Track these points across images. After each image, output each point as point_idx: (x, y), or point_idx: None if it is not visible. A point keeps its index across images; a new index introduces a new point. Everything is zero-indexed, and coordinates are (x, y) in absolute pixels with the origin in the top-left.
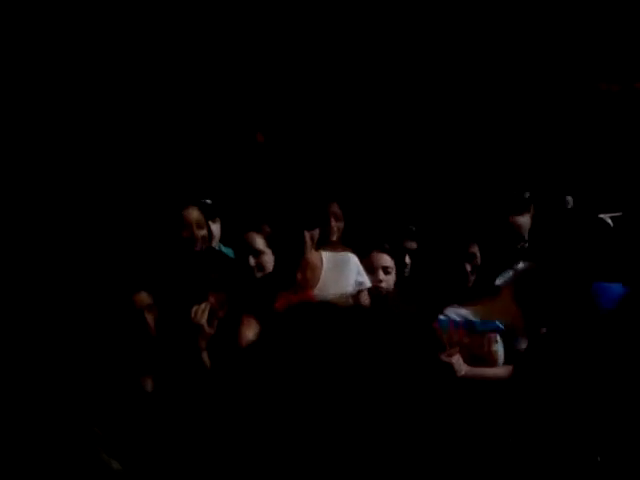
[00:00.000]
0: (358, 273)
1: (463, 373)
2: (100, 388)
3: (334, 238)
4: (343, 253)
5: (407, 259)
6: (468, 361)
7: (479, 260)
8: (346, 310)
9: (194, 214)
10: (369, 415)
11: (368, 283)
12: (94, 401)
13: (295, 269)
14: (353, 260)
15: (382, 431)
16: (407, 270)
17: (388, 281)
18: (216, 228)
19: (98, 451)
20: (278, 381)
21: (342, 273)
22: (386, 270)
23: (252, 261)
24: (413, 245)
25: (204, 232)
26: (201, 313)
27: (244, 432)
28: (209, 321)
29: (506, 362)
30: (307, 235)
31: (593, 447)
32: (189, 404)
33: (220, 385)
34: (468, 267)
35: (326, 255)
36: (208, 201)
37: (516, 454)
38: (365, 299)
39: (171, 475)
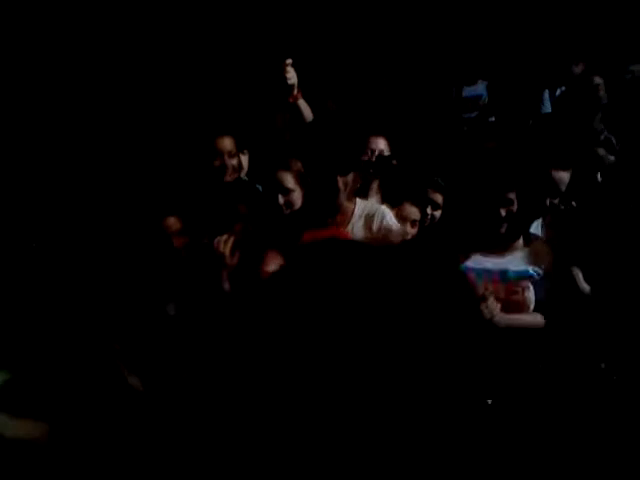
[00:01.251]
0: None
1: (496, 317)
2: (125, 309)
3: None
4: (377, 204)
5: (429, 210)
6: (502, 309)
7: (515, 207)
8: (372, 249)
9: (227, 143)
10: (388, 355)
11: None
12: (117, 320)
13: (325, 211)
14: (386, 212)
15: (402, 371)
16: (427, 220)
17: (413, 233)
18: (245, 160)
19: (118, 366)
20: (295, 312)
21: (372, 223)
22: (414, 223)
23: (281, 199)
24: (437, 197)
25: (235, 162)
26: (224, 243)
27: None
28: (232, 252)
29: (536, 309)
30: (340, 181)
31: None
32: (208, 330)
33: (238, 312)
34: (503, 212)
35: (360, 203)
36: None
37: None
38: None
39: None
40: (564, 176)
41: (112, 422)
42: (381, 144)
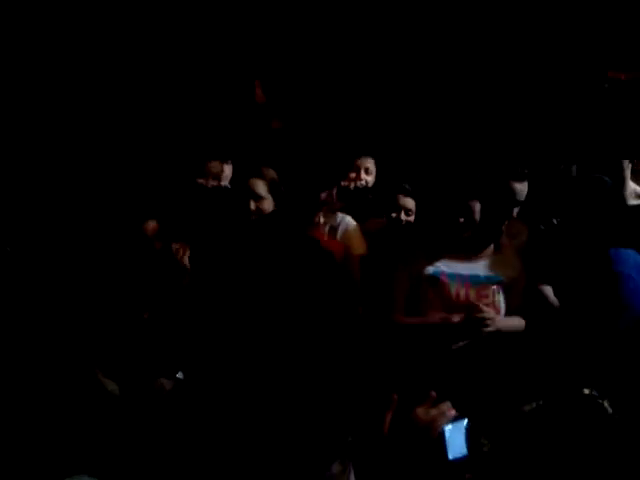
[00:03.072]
0: None
1: (496, 323)
2: (102, 311)
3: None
4: (341, 215)
5: (402, 215)
6: None
7: (477, 215)
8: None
9: (216, 167)
10: None
11: None
12: (94, 323)
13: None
14: (349, 222)
15: None
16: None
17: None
18: (228, 169)
19: (95, 372)
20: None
21: (335, 233)
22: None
23: (252, 205)
24: (408, 202)
25: (215, 183)
26: (182, 252)
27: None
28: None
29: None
30: (322, 196)
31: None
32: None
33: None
34: (461, 219)
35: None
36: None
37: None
38: None
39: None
40: (520, 187)
41: (92, 424)
42: (368, 163)
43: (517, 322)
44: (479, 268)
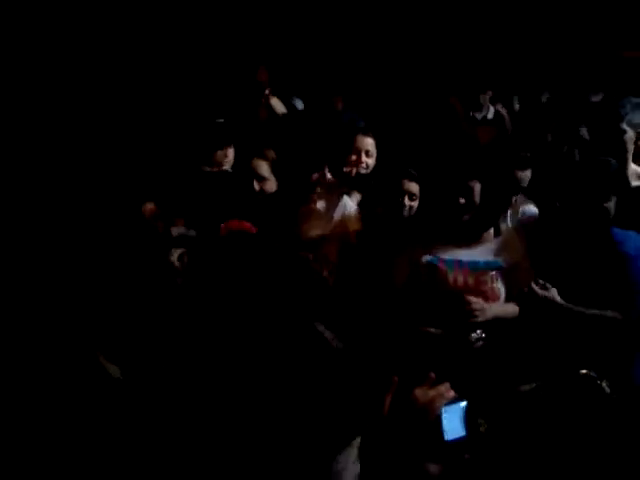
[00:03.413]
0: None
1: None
2: (104, 294)
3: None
4: (344, 199)
5: (406, 201)
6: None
7: (477, 197)
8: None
9: (220, 154)
10: None
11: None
12: (96, 307)
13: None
14: (347, 202)
15: None
16: (406, 211)
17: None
18: (231, 153)
19: (96, 355)
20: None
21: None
22: None
23: (256, 186)
24: (413, 187)
25: (217, 169)
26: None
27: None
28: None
29: (507, 299)
30: (314, 177)
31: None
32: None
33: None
34: (462, 200)
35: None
36: (221, 120)
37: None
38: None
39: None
40: (522, 175)
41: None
42: (369, 145)
43: (512, 308)
44: (478, 254)
